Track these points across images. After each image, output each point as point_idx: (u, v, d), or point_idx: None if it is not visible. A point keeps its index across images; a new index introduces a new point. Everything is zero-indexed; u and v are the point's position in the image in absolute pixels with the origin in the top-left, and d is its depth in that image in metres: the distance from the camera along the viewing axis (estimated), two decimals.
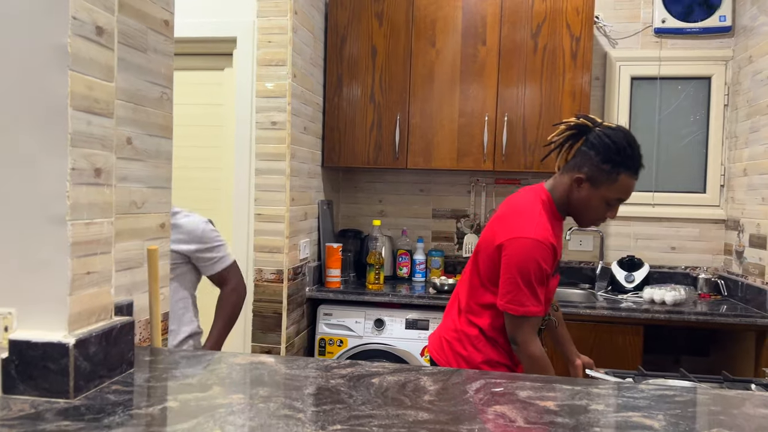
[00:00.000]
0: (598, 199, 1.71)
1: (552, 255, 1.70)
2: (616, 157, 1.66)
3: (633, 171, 1.69)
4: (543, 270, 1.69)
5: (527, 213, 1.74)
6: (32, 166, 1.15)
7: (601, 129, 1.71)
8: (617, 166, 1.67)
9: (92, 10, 1.20)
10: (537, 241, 1.67)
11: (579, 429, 1.07)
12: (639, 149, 1.71)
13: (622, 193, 1.70)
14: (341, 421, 1.07)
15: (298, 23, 2.82)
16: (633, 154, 1.68)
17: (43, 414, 1.07)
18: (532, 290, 1.69)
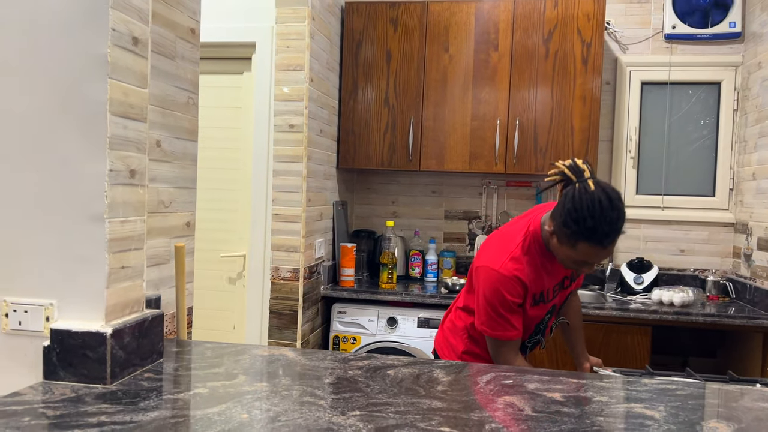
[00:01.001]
0: (564, 255, 1.64)
1: (518, 287, 1.71)
2: (574, 226, 1.54)
3: (593, 241, 1.54)
4: (509, 301, 1.71)
5: (505, 244, 1.76)
6: (74, 168, 1.23)
7: (578, 187, 1.56)
8: (575, 235, 1.55)
9: (129, 22, 1.28)
10: (501, 275, 1.70)
11: (584, 418, 1.13)
12: (606, 221, 1.51)
13: (585, 257, 1.59)
14: (360, 408, 1.14)
15: (315, 29, 2.90)
16: (594, 225, 1.51)
17: (83, 398, 1.15)
18: (502, 317, 1.73)
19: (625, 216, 1.57)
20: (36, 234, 1.26)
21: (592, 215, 1.51)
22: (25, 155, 1.24)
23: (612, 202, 1.52)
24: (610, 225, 1.52)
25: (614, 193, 1.55)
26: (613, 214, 1.52)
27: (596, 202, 1.51)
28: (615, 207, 1.52)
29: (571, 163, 1.61)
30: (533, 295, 1.76)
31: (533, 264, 1.74)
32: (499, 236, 1.82)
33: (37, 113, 1.24)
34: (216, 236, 3.25)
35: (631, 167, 3.46)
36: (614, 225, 1.53)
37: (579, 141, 3.14)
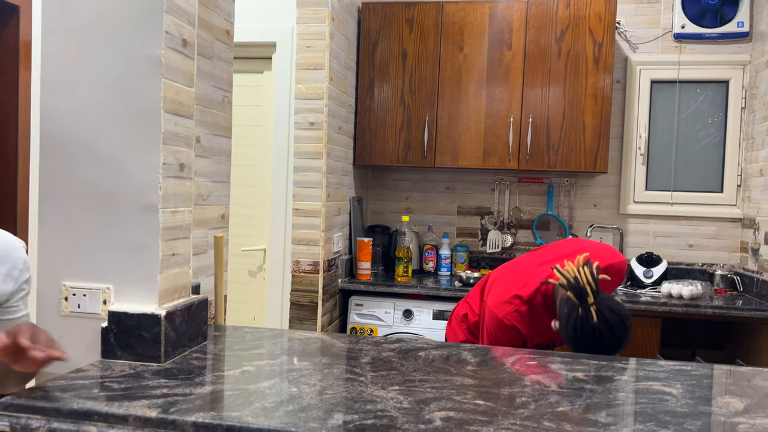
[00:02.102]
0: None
1: (517, 336, 1.81)
2: (575, 347, 1.60)
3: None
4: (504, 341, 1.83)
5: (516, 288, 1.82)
6: (130, 161, 1.33)
7: (581, 314, 1.56)
8: (575, 350, 1.60)
9: (180, 25, 1.37)
10: (502, 323, 1.82)
11: (607, 393, 1.22)
12: (606, 348, 1.54)
13: None
14: (398, 384, 1.23)
15: (335, 29, 2.98)
16: (594, 351, 1.55)
17: (142, 374, 1.24)
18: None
19: (628, 335, 1.57)
20: (94, 222, 1.35)
21: (592, 346, 1.56)
22: (87, 149, 1.33)
23: (613, 334, 1.54)
24: (610, 350, 1.56)
25: (617, 319, 1.54)
26: (614, 343, 1.55)
27: (597, 335, 1.54)
28: (616, 337, 1.54)
29: (573, 283, 1.59)
30: (537, 345, 1.87)
31: (537, 319, 1.81)
32: (515, 274, 1.87)
33: (98, 110, 1.33)
34: (237, 230, 3.34)
35: (641, 164, 3.54)
36: (614, 349, 1.56)
37: (590, 138, 3.22)
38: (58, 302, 1.37)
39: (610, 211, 3.60)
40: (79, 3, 1.32)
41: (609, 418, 1.07)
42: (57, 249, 1.37)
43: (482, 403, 1.13)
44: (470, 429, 1.00)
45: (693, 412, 1.13)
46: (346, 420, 1.02)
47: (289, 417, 1.03)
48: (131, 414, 1.03)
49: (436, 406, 1.10)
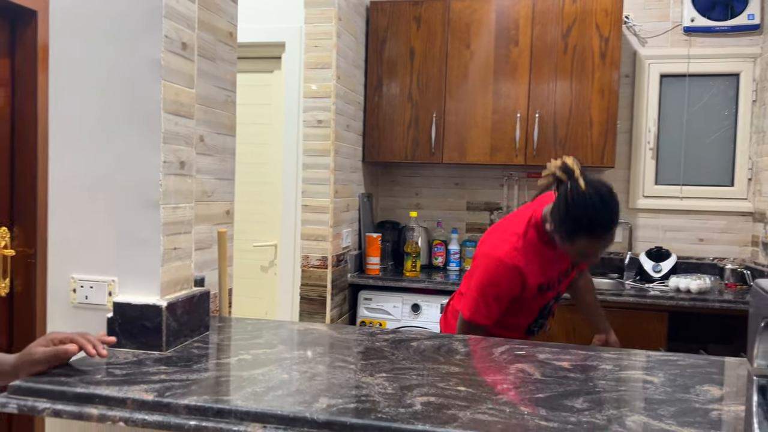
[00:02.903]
0: (566, 250, 1.71)
1: (516, 277, 1.77)
2: (571, 225, 1.63)
3: (591, 237, 1.62)
4: (502, 289, 1.78)
5: (507, 233, 1.82)
6: (132, 159, 1.39)
7: (571, 187, 1.62)
8: (573, 232, 1.63)
9: (179, 29, 1.44)
10: (503, 262, 1.76)
11: (588, 381, 1.26)
12: (600, 215, 1.60)
13: (585, 248, 1.66)
14: (386, 371, 1.28)
15: (342, 29, 3.04)
16: (591, 221, 1.60)
17: (144, 361, 1.31)
18: (486, 303, 1.80)
19: (619, 208, 1.65)
20: (100, 218, 1.42)
21: (586, 214, 1.59)
22: (91, 147, 1.41)
23: (603, 199, 1.60)
24: (605, 220, 1.61)
25: (605, 188, 1.62)
26: (606, 210, 1.60)
27: (588, 201, 1.59)
28: (607, 203, 1.61)
29: (561, 164, 1.67)
30: (539, 285, 1.83)
31: (534, 254, 1.79)
32: (503, 225, 1.89)
33: (103, 110, 1.40)
34: (249, 227, 3.42)
35: (650, 158, 3.54)
36: (608, 220, 1.61)
37: (597, 133, 3.23)
38: (67, 294, 1.45)
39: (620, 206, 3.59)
40: (84, 11, 1.39)
41: (585, 404, 1.11)
42: (66, 243, 1.44)
43: (464, 389, 1.18)
44: (448, 413, 1.05)
45: (669, 399, 1.16)
46: (330, 404, 1.08)
47: (277, 401, 1.09)
48: (129, 397, 1.10)
49: (419, 392, 1.15)
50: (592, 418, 1.04)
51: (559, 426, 1.00)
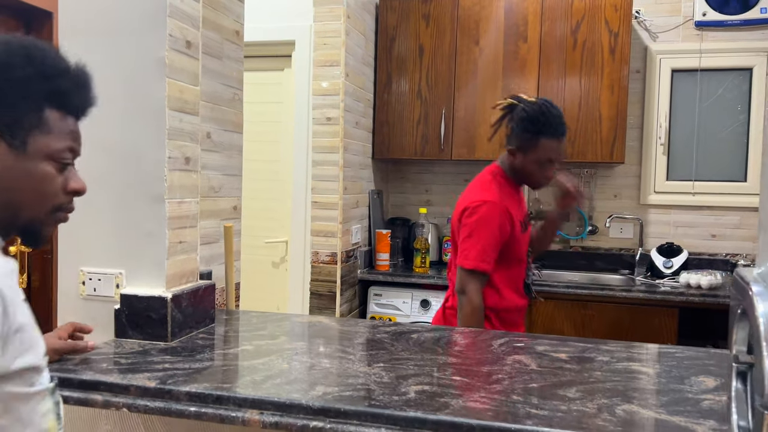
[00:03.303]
0: (532, 164, 1.94)
1: (504, 212, 1.91)
2: (532, 126, 1.90)
3: (551, 135, 1.90)
4: (497, 227, 1.89)
5: (477, 185, 2.01)
6: (138, 154, 1.43)
7: (522, 105, 1.95)
8: (535, 134, 1.90)
9: (183, 28, 1.47)
10: (490, 203, 1.91)
11: (583, 372, 1.27)
12: (554, 116, 1.91)
13: (549, 153, 1.92)
14: (384, 361, 1.31)
15: (350, 26, 3.06)
16: (547, 121, 1.89)
17: (149, 351, 1.35)
18: (483, 248, 1.89)
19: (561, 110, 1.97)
20: (109, 212, 1.46)
21: (544, 116, 1.90)
22: (98, 143, 1.45)
23: (552, 105, 1.95)
24: (558, 118, 1.92)
25: (548, 100, 1.97)
26: (557, 112, 1.94)
27: (542, 107, 1.92)
28: (555, 107, 1.94)
29: (512, 96, 2.03)
30: (520, 222, 1.98)
31: (507, 194, 1.98)
32: (470, 188, 2.04)
33: (110, 108, 1.44)
34: (260, 223, 3.46)
35: (662, 154, 3.52)
36: (561, 118, 1.93)
37: (607, 129, 3.22)
38: (76, 286, 1.49)
39: (631, 202, 3.58)
40: (90, 11, 1.43)
41: (577, 394, 1.13)
42: (76, 237, 1.49)
43: (459, 378, 1.20)
44: (440, 400, 1.07)
45: (663, 389, 1.17)
46: (326, 392, 1.10)
47: (275, 388, 1.12)
48: (132, 384, 1.14)
49: (414, 381, 1.17)
50: (582, 407, 1.06)
51: (549, 414, 1.02)
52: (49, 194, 0.91)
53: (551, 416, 1.01)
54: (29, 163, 0.88)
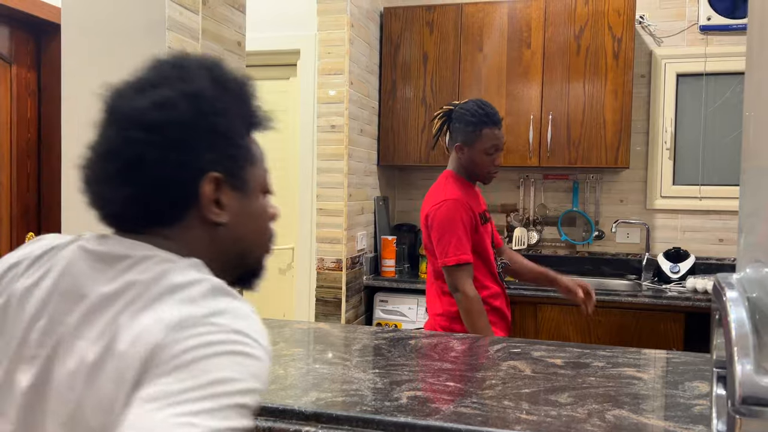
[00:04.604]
0: (479, 154, 2.07)
1: (465, 206, 2.03)
2: (473, 119, 2.05)
3: (490, 123, 2.05)
4: (461, 220, 2.00)
5: (434, 189, 2.15)
6: None
7: (458, 107, 2.11)
8: (477, 125, 2.04)
9: (182, 40, 1.50)
10: (450, 200, 2.02)
11: (577, 377, 1.28)
12: (489, 108, 2.08)
13: (491, 141, 2.06)
14: (379, 367, 1.32)
15: (354, 35, 3.09)
16: (485, 112, 2.06)
17: None
18: (458, 239, 1.99)
19: None
20: None
21: (480, 108, 2.07)
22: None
23: (482, 99, 2.13)
24: (492, 109, 2.09)
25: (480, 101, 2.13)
26: (490, 104, 2.10)
27: (476, 103, 2.09)
28: (485, 101, 2.12)
29: (445, 104, 2.19)
30: (479, 214, 2.09)
31: (462, 190, 2.09)
32: (428, 194, 2.18)
33: None
34: None
35: (668, 158, 3.50)
36: (493, 108, 2.10)
37: (611, 134, 3.22)
38: None
39: (637, 207, 3.57)
40: (92, 25, 1.47)
41: (569, 399, 1.14)
42: None
43: (452, 384, 1.21)
44: (431, 406, 1.08)
45: (655, 394, 1.18)
46: (320, 397, 1.12)
47: (269, 394, 1.14)
48: None
49: (408, 387, 1.19)
50: (572, 412, 1.07)
51: (538, 419, 1.03)
52: (268, 229, 0.87)
53: (540, 421, 1.02)
54: (252, 202, 0.82)
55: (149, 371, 0.61)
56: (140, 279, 0.68)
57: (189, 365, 0.60)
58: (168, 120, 0.71)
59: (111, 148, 0.72)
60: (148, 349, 0.62)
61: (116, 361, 0.63)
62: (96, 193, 0.74)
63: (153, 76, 0.76)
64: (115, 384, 0.62)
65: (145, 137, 0.71)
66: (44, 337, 0.69)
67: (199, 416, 0.58)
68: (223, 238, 0.77)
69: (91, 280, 0.69)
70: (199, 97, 0.74)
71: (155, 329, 0.63)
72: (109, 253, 0.71)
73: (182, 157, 0.72)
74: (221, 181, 0.75)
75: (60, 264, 0.73)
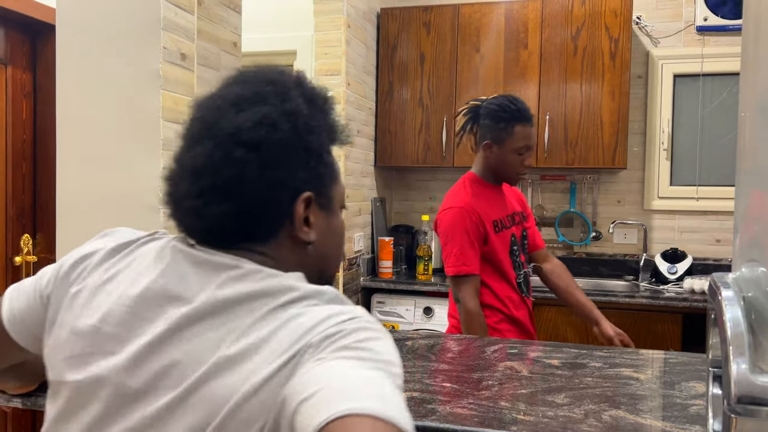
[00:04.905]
0: (509, 154, 1.97)
1: (473, 216, 1.93)
2: (505, 115, 1.95)
3: (523, 120, 1.95)
4: (465, 229, 1.92)
5: (450, 193, 2.06)
6: (133, 165, 1.46)
7: (487, 102, 2.01)
8: (509, 122, 1.94)
9: (178, 41, 1.50)
10: (459, 208, 1.94)
11: (574, 378, 1.27)
12: (521, 104, 1.99)
13: (523, 140, 1.96)
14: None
15: (351, 36, 3.09)
16: (516, 108, 1.96)
17: None
18: (461, 250, 1.91)
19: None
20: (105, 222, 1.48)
21: (512, 103, 1.97)
22: (94, 154, 1.48)
23: (512, 95, 2.04)
24: (523, 104, 1.99)
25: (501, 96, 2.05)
26: (521, 101, 2.01)
27: (507, 99, 1.99)
28: (516, 96, 2.03)
29: (471, 100, 2.09)
30: (493, 222, 1.99)
31: (479, 195, 2.00)
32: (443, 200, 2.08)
33: (106, 120, 1.47)
34: None
35: (665, 159, 3.51)
36: (525, 103, 2.00)
37: (609, 134, 3.22)
38: None
39: (635, 207, 3.57)
40: (87, 25, 1.46)
41: (566, 399, 1.13)
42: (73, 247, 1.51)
43: (449, 385, 1.21)
44: (427, 407, 1.08)
45: (652, 395, 1.17)
46: None
47: None
48: None
49: (404, 388, 1.18)
50: (569, 413, 1.06)
51: (534, 420, 1.02)
52: (344, 244, 0.88)
53: (537, 422, 1.01)
54: (335, 219, 0.83)
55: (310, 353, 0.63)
56: (263, 287, 0.69)
57: (355, 346, 0.62)
58: (270, 139, 0.72)
59: (209, 164, 0.72)
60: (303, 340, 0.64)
61: (265, 353, 0.64)
62: (188, 207, 0.74)
63: (249, 93, 0.76)
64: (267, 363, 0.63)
65: (247, 156, 0.71)
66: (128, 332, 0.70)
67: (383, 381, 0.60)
68: (309, 256, 0.78)
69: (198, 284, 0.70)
70: (297, 116, 0.75)
71: (307, 322, 0.65)
72: (214, 261, 0.71)
73: (280, 176, 0.73)
74: (311, 200, 0.76)
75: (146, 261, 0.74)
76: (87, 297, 0.74)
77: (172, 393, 0.66)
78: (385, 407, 0.56)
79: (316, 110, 0.79)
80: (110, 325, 0.71)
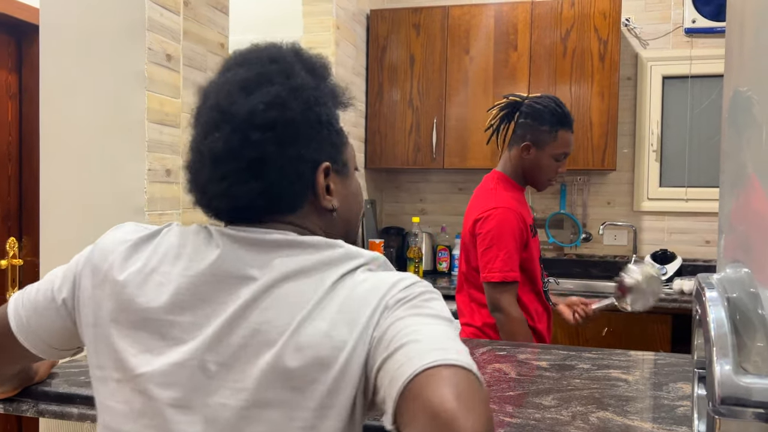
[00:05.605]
0: (547, 158, 1.87)
1: (517, 215, 1.83)
2: (551, 118, 1.85)
3: (567, 126, 1.87)
4: (514, 232, 1.80)
5: (483, 193, 1.92)
6: (118, 167, 1.44)
7: (530, 100, 1.91)
8: (554, 125, 1.85)
9: (163, 41, 1.48)
10: (503, 208, 1.81)
11: (562, 380, 1.27)
12: (566, 108, 1.91)
13: (565, 146, 1.88)
14: None
15: (340, 37, 3.08)
16: (563, 112, 1.87)
17: None
18: (508, 254, 1.78)
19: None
20: (89, 224, 1.47)
21: (558, 105, 1.88)
22: (79, 157, 1.46)
23: (556, 97, 1.93)
24: (567, 109, 1.91)
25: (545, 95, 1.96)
26: (562, 102, 1.92)
27: (553, 98, 1.91)
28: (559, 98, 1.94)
29: (510, 94, 1.98)
30: (530, 226, 1.89)
31: (513, 198, 1.89)
32: (476, 198, 1.96)
33: (91, 121, 1.45)
34: None
35: (654, 160, 3.52)
36: (568, 110, 1.91)
37: (598, 135, 3.23)
38: None
39: (624, 209, 3.58)
40: (71, 26, 1.45)
41: (553, 401, 1.13)
42: (57, 249, 1.49)
43: None
44: None
45: (640, 396, 1.17)
46: None
47: None
48: None
49: None
50: (557, 415, 1.06)
51: (521, 422, 1.02)
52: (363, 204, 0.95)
53: (524, 424, 1.01)
54: (352, 182, 0.88)
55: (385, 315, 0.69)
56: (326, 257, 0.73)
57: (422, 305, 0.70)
58: (283, 118, 0.75)
59: (229, 149, 0.74)
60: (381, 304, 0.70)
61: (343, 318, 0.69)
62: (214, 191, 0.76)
63: (253, 74, 0.77)
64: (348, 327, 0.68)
65: (264, 137, 0.74)
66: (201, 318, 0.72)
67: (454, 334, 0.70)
68: (333, 221, 0.83)
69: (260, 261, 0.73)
70: (304, 90, 0.78)
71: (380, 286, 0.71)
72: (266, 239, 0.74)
73: (298, 151, 0.76)
74: (329, 169, 0.80)
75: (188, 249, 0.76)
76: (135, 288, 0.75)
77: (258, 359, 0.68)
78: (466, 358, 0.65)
79: (319, 80, 0.83)
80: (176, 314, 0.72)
